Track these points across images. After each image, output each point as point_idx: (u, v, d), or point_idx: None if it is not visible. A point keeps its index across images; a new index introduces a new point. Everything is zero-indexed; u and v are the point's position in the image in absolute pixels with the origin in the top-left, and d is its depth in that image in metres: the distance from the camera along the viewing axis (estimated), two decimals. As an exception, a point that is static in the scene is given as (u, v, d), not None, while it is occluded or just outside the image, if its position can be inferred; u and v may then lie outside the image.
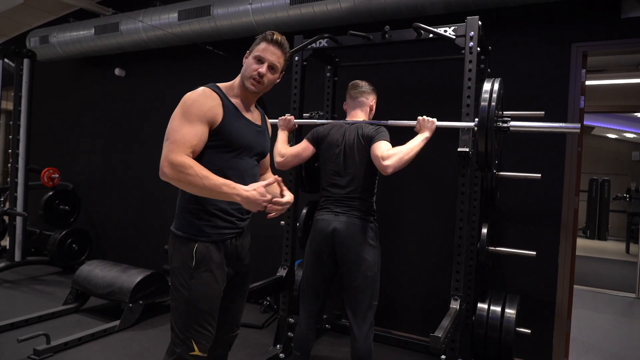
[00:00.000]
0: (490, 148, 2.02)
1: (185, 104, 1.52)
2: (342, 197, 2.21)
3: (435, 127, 2.21)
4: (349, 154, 2.21)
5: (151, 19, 3.97)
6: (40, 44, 4.75)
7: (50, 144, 5.35)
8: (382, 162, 2.03)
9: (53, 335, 2.78)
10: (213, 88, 1.59)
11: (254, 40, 1.66)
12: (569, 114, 2.85)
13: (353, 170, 2.20)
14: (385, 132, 2.20)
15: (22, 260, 4.34)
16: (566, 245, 2.88)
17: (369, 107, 2.40)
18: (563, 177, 2.87)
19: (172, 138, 1.47)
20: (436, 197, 3.20)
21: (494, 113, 2.02)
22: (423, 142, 2.15)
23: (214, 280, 1.57)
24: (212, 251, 1.57)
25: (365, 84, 2.41)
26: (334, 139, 2.27)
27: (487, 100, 2.02)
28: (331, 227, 2.17)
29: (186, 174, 1.42)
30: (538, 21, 2.94)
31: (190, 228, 1.57)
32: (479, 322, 2.53)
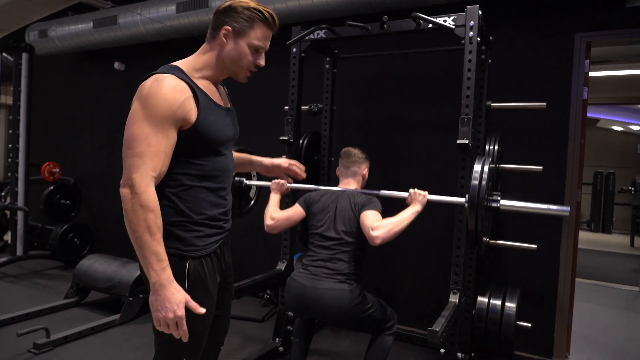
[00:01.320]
0: (480, 226, 2.00)
1: (148, 101, 1.22)
2: (326, 259, 2.13)
3: (427, 201, 2.15)
4: (339, 220, 2.18)
5: (149, 11, 3.93)
6: (39, 38, 4.73)
7: (50, 139, 5.35)
8: (371, 232, 1.99)
9: (53, 329, 2.79)
10: (179, 75, 1.28)
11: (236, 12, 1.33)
12: (572, 106, 2.81)
13: (341, 235, 2.15)
14: (377, 203, 2.18)
15: (23, 255, 4.36)
16: (568, 238, 2.85)
17: (361, 176, 2.39)
18: (565, 170, 2.83)
19: (136, 149, 1.19)
20: (436, 189, 3.17)
21: (484, 193, 2.00)
22: (413, 215, 2.09)
23: (209, 299, 1.39)
24: (205, 266, 1.37)
25: (357, 152, 2.39)
26: (325, 204, 2.26)
27: (478, 179, 2.00)
28: (307, 294, 2.08)
29: (137, 212, 1.18)
30: (541, 11, 2.88)
31: (178, 243, 1.32)
32: (479, 315, 2.51)
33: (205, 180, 1.35)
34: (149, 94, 1.23)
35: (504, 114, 2.85)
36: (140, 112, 1.22)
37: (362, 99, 3.51)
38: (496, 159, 2.59)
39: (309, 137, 3.10)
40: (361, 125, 3.49)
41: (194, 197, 1.34)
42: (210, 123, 1.34)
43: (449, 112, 2.88)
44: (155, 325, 1.25)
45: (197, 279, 1.35)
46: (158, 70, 1.31)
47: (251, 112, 3.92)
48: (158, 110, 1.22)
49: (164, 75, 1.27)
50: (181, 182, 1.32)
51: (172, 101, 1.24)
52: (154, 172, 1.22)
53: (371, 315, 2.12)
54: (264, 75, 3.50)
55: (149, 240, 1.19)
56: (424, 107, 3.25)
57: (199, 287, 1.35)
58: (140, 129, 1.21)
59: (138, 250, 1.21)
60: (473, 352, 2.61)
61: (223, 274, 1.51)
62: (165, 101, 1.23)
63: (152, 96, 1.23)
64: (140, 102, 1.24)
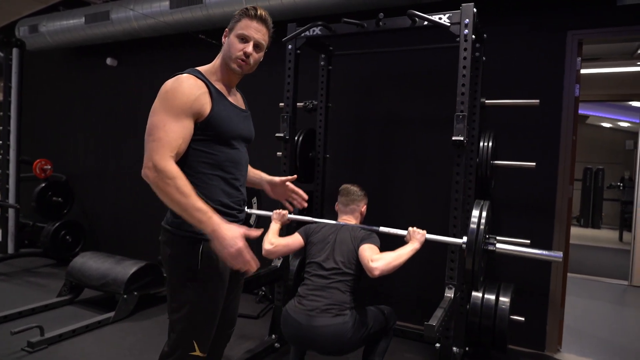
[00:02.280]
0: (476, 267, 2.08)
1: (168, 95, 1.38)
2: (322, 287, 2.13)
3: (425, 239, 2.19)
4: (338, 250, 2.20)
5: (142, 7, 3.90)
6: (29, 33, 4.66)
7: (41, 135, 5.30)
8: (370, 263, 2.02)
9: (47, 327, 2.77)
10: (196, 74, 1.45)
11: (233, 17, 1.51)
12: (564, 103, 2.85)
13: (339, 265, 2.16)
14: (376, 238, 2.22)
15: (15, 253, 4.32)
16: (560, 233, 2.89)
17: (360, 213, 2.44)
18: (557, 166, 2.87)
19: (155, 135, 1.34)
20: (431, 186, 3.20)
21: (482, 236, 2.08)
22: (412, 252, 2.12)
23: (220, 281, 1.50)
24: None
25: (356, 190, 2.43)
26: (325, 235, 2.28)
27: (476, 223, 2.09)
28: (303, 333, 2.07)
29: (166, 183, 1.30)
30: (534, 9, 2.91)
31: (192, 227, 1.39)
32: (473, 310, 2.54)
33: (218, 169, 1.46)
34: (169, 88, 1.40)
35: (497, 110, 2.87)
36: (161, 103, 1.38)
37: (358, 96, 3.51)
38: (490, 155, 2.61)
39: (304, 133, 3.11)
40: (356, 122, 3.51)
41: (208, 184, 1.46)
42: (223, 117, 1.47)
43: (444, 109, 2.90)
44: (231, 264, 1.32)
45: (210, 261, 1.44)
46: (181, 72, 1.47)
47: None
48: (176, 102, 1.37)
49: (184, 75, 1.44)
50: (196, 170, 1.45)
51: (189, 95, 1.39)
52: (172, 152, 1.34)
53: (372, 331, 2.15)
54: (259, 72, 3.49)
55: (186, 201, 1.30)
56: (418, 104, 3.27)
57: (211, 268, 1.45)
58: (159, 118, 1.36)
59: (183, 213, 1.32)
60: (467, 346, 2.64)
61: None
62: (182, 94, 1.38)
63: (172, 91, 1.39)
64: (162, 96, 1.40)
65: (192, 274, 1.44)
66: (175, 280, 1.48)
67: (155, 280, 3.40)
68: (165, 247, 1.49)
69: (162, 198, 1.33)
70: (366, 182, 2.63)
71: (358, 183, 2.49)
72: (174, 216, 1.48)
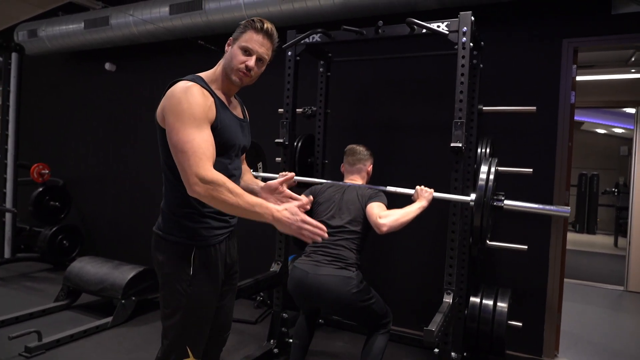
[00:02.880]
0: (485, 224, 2.10)
1: (184, 108, 1.35)
2: (329, 245, 2.16)
3: (432, 197, 2.23)
4: (345, 208, 2.24)
5: (142, 12, 3.92)
6: (28, 38, 4.67)
7: (40, 140, 5.29)
8: (378, 220, 2.07)
9: (45, 332, 2.76)
10: (202, 83, 1.44)
11: (238, 26, 1.50)
12: (559, 110, 2.88)
13: (345, 223, 2.20)
14: (383, 196, 2.25)
15: (11, 257, 4.31)
16: (557, 239, 2.91)
17: (366, 173, 2.47)
18: (554, 172, 2.90)
19: (190, 149, 1.31)
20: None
21: (490, 192, 2.10)
22: (419, 210, 2.17)
23: (213, 287, 1.50)
24: (210, 255, 1.49)
25: (362, 150, 2.46)
26: (330, 195, 2.32)
27: (485, 180, 2.11)
28: (309, 281, 2.11)
29: (219, 191, 1.30)
30: (530, 17, 2.95)
31: (185, 233, 1.45)
32: (471, 315, 2.55)
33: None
34: (184, 99, 1.36)
35: (495, 117, 2.90)
36: (180, 119, 1.34)
37: (356, 102, 3.54)
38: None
39: (303, 139, 3.13)
40: (355, 128, 3.53)
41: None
42: (226, 127, 1.47)
43: (442, 116, 2.93)
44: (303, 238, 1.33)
45: (202, 267, 1.46)
46: (183, 78, 1.44)
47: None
48: (194, 113, 1.35)
49: (190, 84, 1.41)
50: None
51: (203, 105, 1.39)
52: (210, 162, 1.34)
53: (371, 307, 2.15)
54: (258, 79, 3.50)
55: (242, 201, 1.31)
56: (417, 110, 3.30)
57: (203, 274, 1.47)
58: (185, 133, 1.33)
59: (242, 214, 1.34)
60: (465, 352, 2.65)
61: (228, 268, 1.60)
62: (197, 105, 1.37)
63: (186, 103, 1.36)
64: (177, 111, 1.35)
65: (184, 281, 1.44)
66: (167, 287, 1.47)
67: (153, 285, 3.39)
68: (157, 253, 1.49)
69: (219, 207, 1.34)
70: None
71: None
72: (164, 221, 1.49)
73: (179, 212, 1.46)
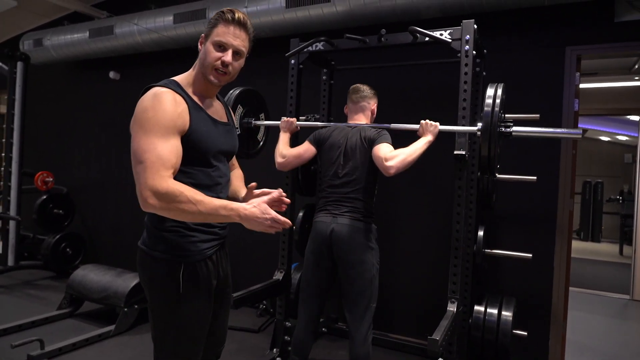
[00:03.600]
0: (493, 152, 2.04)
1: (149, 115, 1.25)
2: (341, 198, 2.22)
3: (438, 131, 2.21)
4: (350, 155, 2.23)
5: (146, 22, 3.96)
6: (34, 47, 4.72)
7: (44, 148, 5.31)
8: (384, 162, 2.05)
9: (47, 340, 2.75)
10: (175, 88, 1.33)
11: (209, 22, 1.38)
12: (563, 117, 2.87)
13: (353, 171, 2.21)
14: (387, 135, 2.22)
15: (15, 265, 4.31)
16: (562, 247, 2.89)
17: (371, 111, 2.44)
18: (558, 180, 2.89)
19: (147, 160, 1.22)
20: (433, 200, 3.21)
21: (497, 118, 2.05)
22: (426, 145, 2.16)
23: (205, 303, 1.41)
24: (200, 271, 1.39)
25: (366, 87, 2.44)
26: (335, 140, 2.29)
27: (491, 105, 2.04)
28: (329, 229, 2.18)
29: (177, 202, 1.21)
30: (533, 25, 2.96)
31: (171, 248, 1.36)
32: (475, 324, 2.53)
33: (198, 188, 1.31)
34: (149, 107, 1.28)
35: (498, 125, 2.89)
36: (143, 126, 1.26)
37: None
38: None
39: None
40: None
41: None
42: (202, 134, 1.36)
43: (446, 124, 2.93)
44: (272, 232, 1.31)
45: (191, 284, 1.37)
46: (156, 84, 1.35)
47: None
48: (159, 121, 1.26)
49: (162, 90, 1.32)
50: None
51: (172, 112, 1.28)
52: (168, 173, 1.25)
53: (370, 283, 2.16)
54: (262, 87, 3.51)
55: (206, 206, 1.25)
56: (420, 118, 3.28)
57: (193, 291, 1.38)
58: (145, 141, 1.24)
59: (206, 219, 1.29)
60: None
61: (220, 282, 1.52)
62: (164, 112, 1.27)
63: (152, 109, 1.27)
64: (142, 117, 1.27)
65: (174, 299, 1.35)
66: (156, 305, 1.39)
67: (156, 293, 3.38)
68: (144, 270, 1.41)
69: (178, 217, 1.26)
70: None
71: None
72: (149, 236, 1.41)
73: (162, 226, 1.37)
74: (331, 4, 3.10)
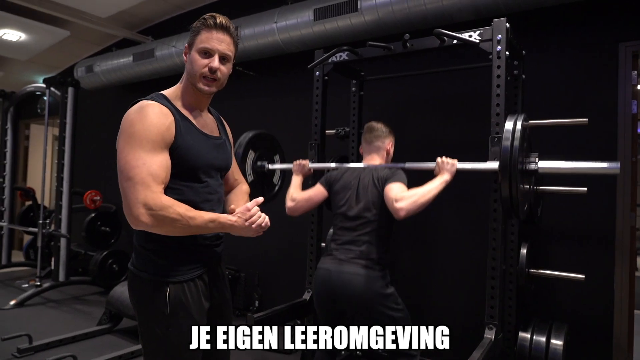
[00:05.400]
0: (515, 193, 1.77)
1: (136, 129, 1.22)
2: (351, 241, 2.02)
3: (456, 170, 2.01)
4: (362, 196, 2.05)
5: (183, 43, 4.05)
6: (86, 73, 5.02)
7: (93, 168, 5.59)
8: (394, 204, 1.85)
9: (83, 356, 2.81)
10: (161, 101, 1.31)
11: (190, 31, 1.36)
12: (619, 121, 2.58)
13: (365, 213, 2.02)
14: (401, 174, 2.04)
15: (65, 280, 4.50)
16: (623, 266, 2.56)
17: (386, 151, 2.26)
18: (615, 191, 2.58)
19: (137, 176, 1.19)
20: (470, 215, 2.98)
21: (517, 153, 1.77)
22: (442, 184, 1.95)
23: (196, 324, 1.35)
24: (189, 291, 1.33)
25: (380, 126, 2.28)
26: (347, 181, 2.14)
27: (510, 139, 1.78)
28: (332, 280, 1.97)
29: (170, 218, 1.20)
30: (579, 21, 2.71)
31: (158, 268, 1.31)
32: (520, 353, 2.28)
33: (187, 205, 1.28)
34: (136, 121, 1.25)
35: (541, 132, 2.65)
36: (129, 141, 1.23)
37: (391, 121, 3.38)
38: (534, 180, 2.39)
39: (335, 161, 3.02)
40: (391, 148, 3.38)
41: None
42: (190, 148, 1.32)
43: (481, 132, 2.73)
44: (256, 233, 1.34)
45: (179, 305, 1.31)
46: (142, 98, 1.33)
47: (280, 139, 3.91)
48: (146, 135, 1.23)
49: (147, 103, 1.29)
50: None
51: (159, 126, 1.25)
52: (158, 188, 1.23)
53: (398, 322, 1.92)
54: (292, 102, 3.46)
55: (196, 221, 1.25)
56: (456, 127, 3.10)
57: (182, 312, 1.31)
58: (133, 157, 1.22)
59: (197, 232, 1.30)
60: (516, 394, 2.36)
61: (216, 303, 1.45)
62: (151, 125, 1.24)
63: (139, 123, 1.24)
64: (128, 132, 1.25)
65: (161, 322, 1.30)
66: (144, 330, 1.34)
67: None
68: (132, 292, 1.37)
69: (169, 232, 1.26)
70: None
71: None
72: (137, 257, 1.36)
73: (149, 246, 1.33)
74: (359, 13, 3.02)
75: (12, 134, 5.44)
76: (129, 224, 1.24)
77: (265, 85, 4.06)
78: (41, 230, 4.39)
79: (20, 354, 2.96)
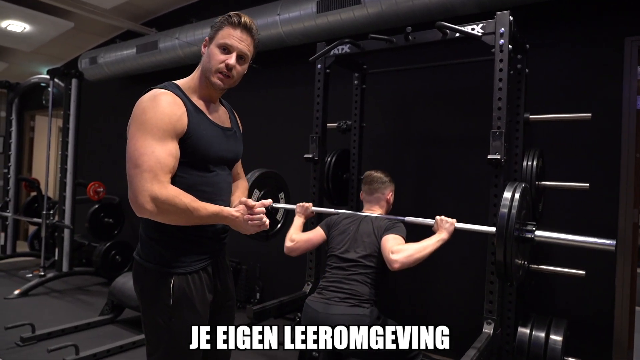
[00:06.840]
0: (509, 259, 1.80)
1: (147, 116, 1.23)
2: (342, 279, 2.01)
3: (454, 229, 2.00)
4: (359, 242, 2.07)
5: (187, 35, 4.06)
6: (89, 65, 5.03)
7: (96, 159, 5.61)
8: (390, 255, 1.88)
9: (85, 345, 2.82)
10: (175, 91, 1.31)
11: (213, 25, 1.37)
12: (623, 117, 2.55)
13: (360, 258, 2.03)
14: (401, 227, 2.07)
15: (69, 271, 4.53)
16: (624, 263, 2.55)
17: (386, 201, 2.29)
18: (619, 187, 2.56)
19: (145, 164, 1.20)
20: (472, 209, 2.97)
21: (514, 222, 1.79)
22: (438, 243, 1.94)
23: (197, 317, 1.34)
24: (193, 282, 1.33)
25: (380, 176, 2.28)
26: (346, 227, 2.17)
27: (507, 207, 1.80)
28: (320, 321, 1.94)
29: (175, 208, 1.21)
30: (584, 15, 2.68)
31: (163, 259, 1.31)
32: (519, 349, 2.27)
33: (192, 191, 1.29)
34: (148, 108, 1.25)
35: (544, 127, 2.63)
36: (140, 128, 1.24)
37: (394, 115, 3.39)
38: (536, 175, 2.38)
39: (337, 154, 3.02)
40: (392, 142, 3.37)
41: None
42: (201, 138, 1.33)
43: (485, 127, 2.71)
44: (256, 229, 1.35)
45: (183, 296, 1.31)
46: (156, 86, 1.33)
47: (282, 132, 3.91)
48: (157, 123, 1.23)
49: (161, 92, 1.29)
50: None
51: (170, 115, 1.26)
52: (166, 177, 1.24)
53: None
54: (294, 95, 3.44)
55: (201, 213, 1.26)
56: (458, 121, 3.09)
57: (185, 304, 1.32)
58: (142, 144, 1.23)
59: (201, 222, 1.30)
60: (514, 389, 2.36)
61: (219, 295, 1.45)
62: (162, 114, 1.25)
63: (151, 111, 1.25)
64: (139, 119, 1.26)
65: (165, 313, 1.30)
66: (147, 320, 1.34)
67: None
68: (137, 281, 1.37)
69: (173, 222, 1.27)
70: (403, 203, 2.47)
71: (395, 204, 2.34)
72: (142, 246, 1.36)
73: (155, 236, 1.33)
74: (362, 5, 3.00)
75: (17, 125, 5.45)
76: (134, 211, 1.24)
77: (267, 77, 4.05)
78: (45, 221, 4.42)
79: (23, 343, 2.99)
